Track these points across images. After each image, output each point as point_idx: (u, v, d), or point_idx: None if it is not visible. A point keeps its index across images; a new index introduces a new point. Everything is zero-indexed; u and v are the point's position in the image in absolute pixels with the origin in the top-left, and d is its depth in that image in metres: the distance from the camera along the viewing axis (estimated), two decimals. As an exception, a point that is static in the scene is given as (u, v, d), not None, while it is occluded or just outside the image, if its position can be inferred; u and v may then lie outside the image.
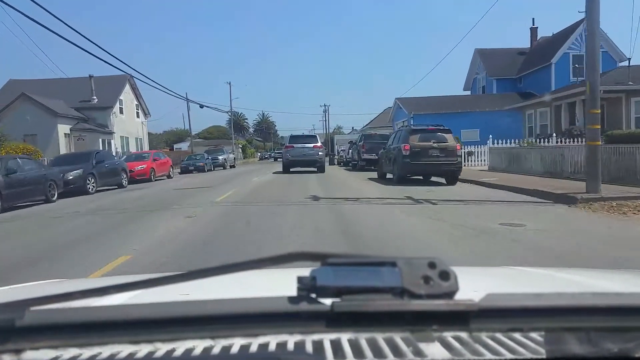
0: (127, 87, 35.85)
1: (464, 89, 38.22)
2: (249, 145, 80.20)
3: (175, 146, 62.81)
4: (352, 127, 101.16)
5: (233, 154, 42.04)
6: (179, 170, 29.24)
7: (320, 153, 21.47)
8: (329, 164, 28.56)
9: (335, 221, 7.52)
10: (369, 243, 5.78)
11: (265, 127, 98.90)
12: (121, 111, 34.93)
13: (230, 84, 54.14)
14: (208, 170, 30.05)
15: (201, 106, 41.75)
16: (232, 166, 37.50)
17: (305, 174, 19.95)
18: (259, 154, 75.89)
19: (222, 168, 34.19)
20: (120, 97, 34.76)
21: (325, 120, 76.59)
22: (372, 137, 23.64)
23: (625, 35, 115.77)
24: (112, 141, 32.79)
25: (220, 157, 35.51)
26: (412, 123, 25.33)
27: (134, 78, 31.65)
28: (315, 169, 21.21)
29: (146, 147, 38.97)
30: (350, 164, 26.93)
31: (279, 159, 47.71)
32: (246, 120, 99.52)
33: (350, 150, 26.75)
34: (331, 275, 0.59)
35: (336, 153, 37.37)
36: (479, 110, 28.81)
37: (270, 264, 0.62)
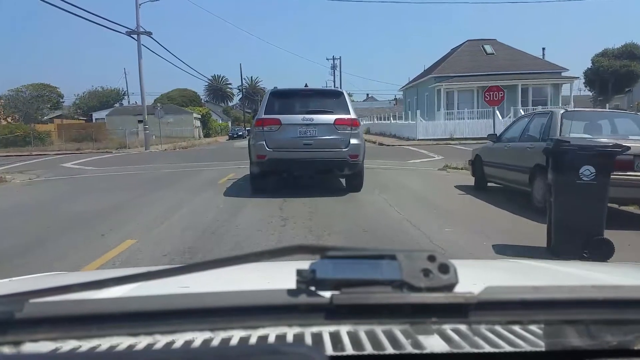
0: None
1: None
2: (213, 117, 55.10)
3: (95, 115, 41.85)
4: (367, 95, 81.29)
5: None
6: None
7: (356, 141, 7.93)
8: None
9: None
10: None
11: (246, 91, 71.99)
12: None
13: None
14: None
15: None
16: None
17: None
18: (236, 129, 53.14)
19: None
20: None
21: (335, 81, 50.88)
22: None
23: None
24: None
25: None
26: None
27: None
28: (345, 184, 8.69)
29: None
30: None
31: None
32: (229, 85, 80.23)
33: None
34: (330, 268, 0.59)
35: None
36: None
37: (269, 257, 0.62)
